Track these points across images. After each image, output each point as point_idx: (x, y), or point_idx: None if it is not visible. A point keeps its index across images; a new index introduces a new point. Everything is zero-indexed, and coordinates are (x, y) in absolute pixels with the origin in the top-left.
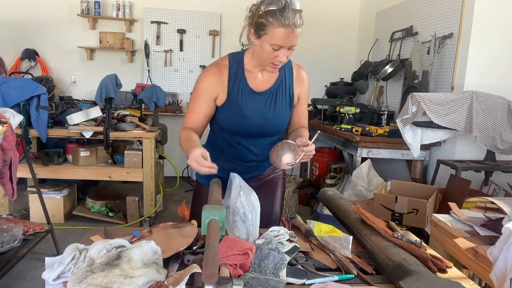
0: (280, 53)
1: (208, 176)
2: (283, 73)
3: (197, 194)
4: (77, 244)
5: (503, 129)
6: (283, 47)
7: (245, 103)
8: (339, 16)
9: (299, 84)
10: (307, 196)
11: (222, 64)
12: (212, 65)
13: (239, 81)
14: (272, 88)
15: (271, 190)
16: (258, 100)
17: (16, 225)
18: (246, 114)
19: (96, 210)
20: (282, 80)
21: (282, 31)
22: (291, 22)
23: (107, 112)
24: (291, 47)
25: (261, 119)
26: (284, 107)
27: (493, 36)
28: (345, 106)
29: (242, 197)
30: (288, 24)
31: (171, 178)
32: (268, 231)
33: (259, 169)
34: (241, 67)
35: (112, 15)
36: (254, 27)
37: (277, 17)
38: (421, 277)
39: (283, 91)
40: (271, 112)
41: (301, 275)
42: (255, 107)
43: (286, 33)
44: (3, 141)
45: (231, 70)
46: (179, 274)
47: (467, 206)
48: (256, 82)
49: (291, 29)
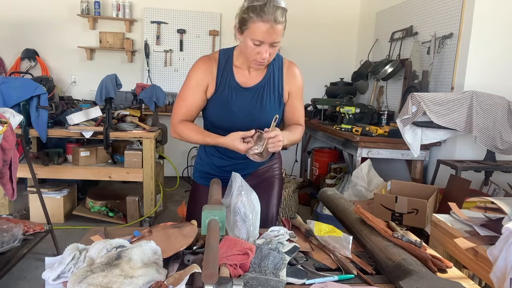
0: (262, 49)
1: (204, 176)
2: (271, 70)
3: (193, 193)
4: (77, 244)
5: (503, 129)
6: (264, 42)
7: (231, 97)
8: (339, 16)
9: (289, 80)
10: (307, 196)
11: (213, 57)
12: (203, 57)
13: (227, 76)
14: (259, 84)
15: (267, 189)
16: (244, 96)
17: (16, 225)
18: (233, 109)
19: (96, 210)
20: (270, 77)
21: (261, 25)
22: (271, 17)
23: (107, 112)
24: (273, 43)
25: (248, 115)
26: (272, 104)
27: (493, 36)
28: (345, 106)
29: (243, 197)
30: (267, 19)
31: (171, 178)
32: (268, 231)
33: (252, 166)
34: (230, 62)
35: (112, 15)
36: (238, 23)
37: (257, 12)
38: (421, 277)
39: (271, 87)
40: (257, 108)
41: (301, 275)
42: (241, 103)
43: (265, 28)
44: (3, 141)
45: (220, 64)
46: (179, 274)
47: (467, 206)
48: (243, 78)
49: (270, 24)
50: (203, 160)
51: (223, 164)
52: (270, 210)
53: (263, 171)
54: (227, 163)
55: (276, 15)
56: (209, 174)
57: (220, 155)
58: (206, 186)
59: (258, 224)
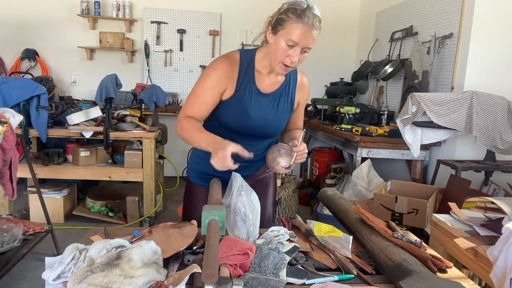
0: (293, 52)
1: (200, 175)
2: (288, 78)
3: (189, 193)
4: (77, 244)
5: (503, 129)
6: (298, 44)
7: (250, 102)
8: (339, 16)
9: (300, 91)
10: (307, 196)
11: (234, 58)
12: (223, 57)
13: (248, 80)
14: (277, 91)
15: (262, 190)
16: (262, 101)
17: (16, 225)
18: (250, 113)
19: (96, 210)
20: (287, 85)
21: (300, 26)
22: (310, 21)
23: (107, 112)
24: (305, 48)
25: (263, 121)
26: (285, 112)
27: (493, 36)
28: (345, 106)
29: (243, 197)
30: (307, 22)
31: (171, 178)
32: (268, 231)
33: (251, 169)
34: (252, 66)
35: (112, 15)
36: (272, 24)
37: (298, 13)
38: (421, 277)
39: (286, 95)
40: (273, 114)
41: (301, 275)
42: (258, 108)
43: (303, 30)
44: (3, 141)
45: (242, 66)
46: (179, 274)
47: (467, 206)
48: (263, 83)
49: (308, 28)
50: (200, 160)
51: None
52: (266, 211)
53: (259, 173)
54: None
55: (314, 21)
56: (205, 174)
57: None
58: (202, 186)
59: (258, 224)
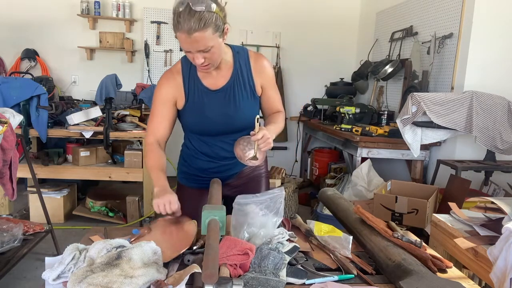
0: (192, 56)
1: (188, 177)
2: (238, 66)
3: (178, 194)
4: (77, 244)
5: (503, 129)
6: (191, 51)
7: (203, 103)
8: (339, 16)
9: (259, 73)
10: (307, 196)
11: (175, 68)
12: (165, 72)
13: (194, 82)
14: (228, 84)
15: (254, 188)
16: (216, 98)
17: (16, 225)
18: (206, 114)
19: (96, 210)
20: (238, 73)
21: (179, 35)
22: (185, 27)
23: (107, 112)
24: (201, 50)
25: (223, 116)
26: (247, 100)
27: (493, 36)
28: (345, 106)
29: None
30: (182, 30)
31: (171, 178)
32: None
33: (237, 167)
34: (194, 68)
35: (112, 15)
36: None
37: (175, 22)
38: (421, 277)
39: (241, 84)
40: (232, 107)
41: (301, 275)
42: (214, 106)
43: (183, 38)
44: (3, 141)
45: (184, 73)
46: (179, 274)
47: (467, 206)
48: (211, 81)
49: (185, 35)
50: (187, 162)
51: (209, 166)
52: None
53: (249, 171)
54: (213, 165)
55: (190, 24)
56: (194, 176)
57: (205, 157)
58: (191, 188)
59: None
